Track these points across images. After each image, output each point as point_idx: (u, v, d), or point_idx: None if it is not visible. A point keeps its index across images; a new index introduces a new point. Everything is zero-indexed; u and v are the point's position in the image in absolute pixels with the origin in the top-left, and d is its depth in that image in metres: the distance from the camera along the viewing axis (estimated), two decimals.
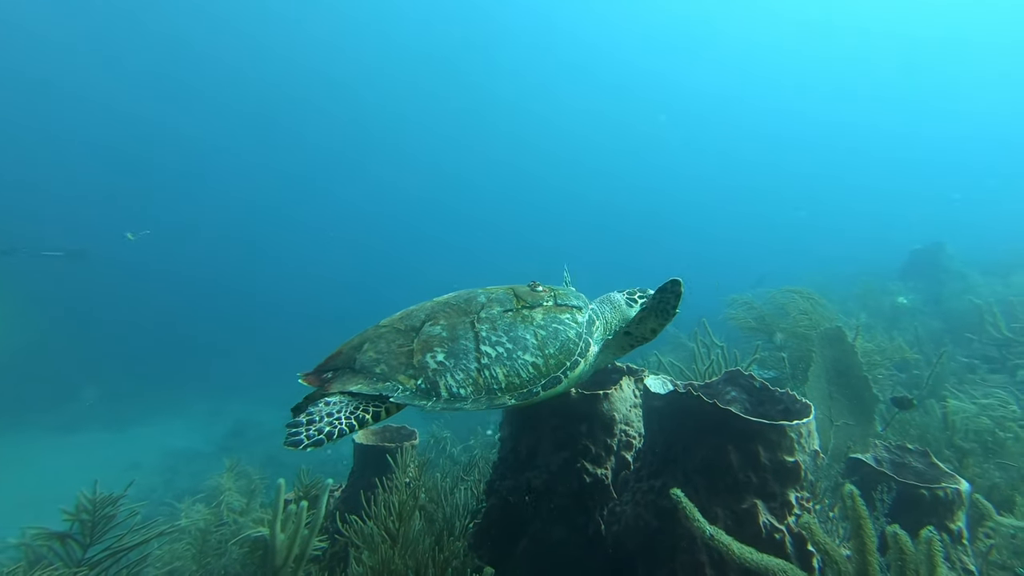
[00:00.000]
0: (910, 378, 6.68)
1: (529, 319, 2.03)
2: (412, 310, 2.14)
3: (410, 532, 2.41)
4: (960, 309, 9.55)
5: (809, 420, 2.25)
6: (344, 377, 1.84)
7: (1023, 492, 2.86)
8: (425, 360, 1.85)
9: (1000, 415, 3.77)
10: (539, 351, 1.96)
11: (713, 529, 1.63)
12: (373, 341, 1.96)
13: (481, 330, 1.96)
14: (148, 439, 12.98)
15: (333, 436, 1.66)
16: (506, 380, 1.88)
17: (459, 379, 1.83)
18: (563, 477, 2.76)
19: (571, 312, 2.14)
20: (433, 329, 1.97)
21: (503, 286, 2.23)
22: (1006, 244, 17.01)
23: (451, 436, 5.91)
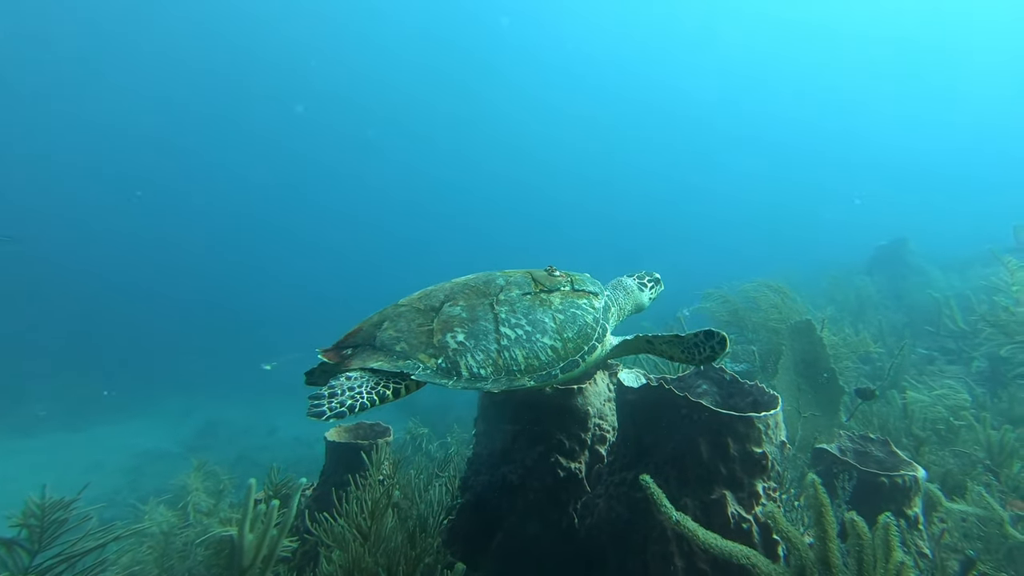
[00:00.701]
0: (874, 370, 6.94)
1: (547, 303, 2.05)
2: (431, 290, 2.12)
3: (382, 530, 2.37)
4: (920, 303, 9.95)
5: (776, 412, 2.29)
6: (364, 354, 1.83)
7: (974, 477, 3.01)
8: (445, 340, 1.85)
9: (953, 403, 3.94)
10: (558, 335, 1.98)
11: (679, 515, 1.67)
12: (393, 320, 1.95)
13: (500, 312, 1.96)
14: (112, 439, 12.52)
15: (355, 409, 1.66)
16: (525, 362, 1.89)
17: (479, 359, 1.84)
18: (537, 472, 2.76)
19: (588, 298, 2.16)
20: (453, 310, 1.96)
21: (520, 270, 2.23)
22: (966, 241, 17.78)
23: (429, 433, 5.87)
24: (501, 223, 57.14)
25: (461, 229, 55.77)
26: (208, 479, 3.75)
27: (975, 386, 5.66)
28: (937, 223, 28.34)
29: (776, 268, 17.17)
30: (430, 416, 7.96)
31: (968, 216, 30.09)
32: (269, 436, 13.07)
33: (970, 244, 16.62)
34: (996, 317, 3.91)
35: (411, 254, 49.74)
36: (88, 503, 3.06)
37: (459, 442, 5.24)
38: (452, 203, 56.88)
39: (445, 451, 4.69)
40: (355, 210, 53.71)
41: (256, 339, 23.96)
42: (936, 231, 22.49)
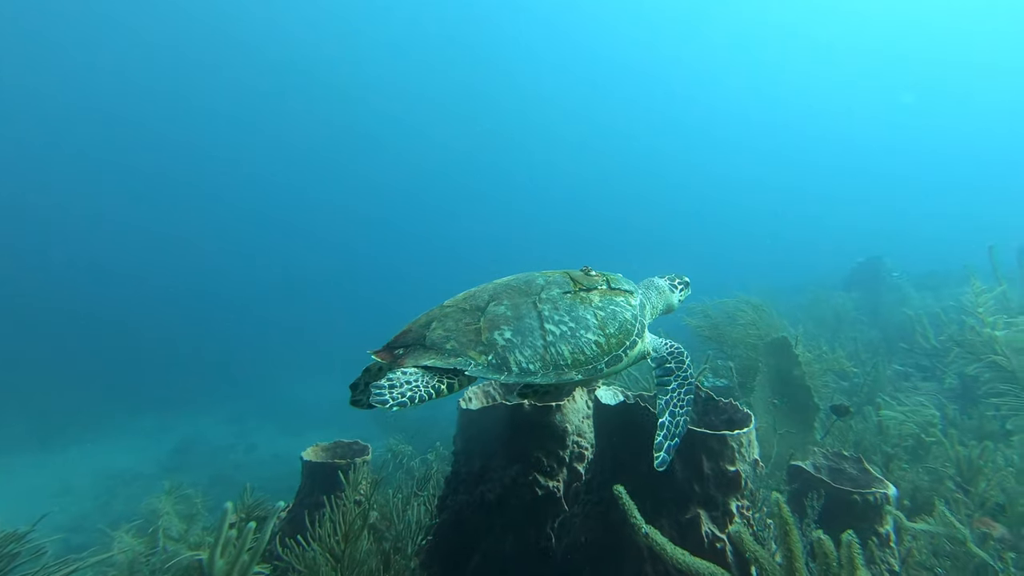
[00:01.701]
0: (852, 386, 7.07)
1: (587, 300, 2.12)
2: (474, 291, 2.21)
3: (356, 553, 2.33)
4: (896, 320, 10.21)
5: (749, 429, 2.33)
6: (416, 353, 1.91)
7: (942, 494, 3.07)
8: (493, 337, 1.93)
9: (922, 420, 4.03)
10: (600, 331, 2.05)
11: (648, 528, 1.68)
12: (440, 320, 2.03)
13: (543, 310, 2.03)
14: (82, 461, 12.05)
15: (415, 400, 1.74)
16: (572, 357, 1.96)
17: (527, 355, 1.91)
18: (515, 490, 2.75)
19: (625, 296, 2.22)
20: (497, 309, 2.04)
21: (558, 270, 2.33)
22: (942, 257, 18.32)
23: (411, 450, 5.78)
24: (490, 225, 57.35)
25: (457, 231, 55.79)
26: (181, 502, 3.63)
27: (947, 403, 5.79)
28: (921, 236, 29.07)
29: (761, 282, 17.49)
30: (413, 433, 7.86)
31: (952, 229, 30.91)
32: (248, 454, 12.73)
33: (953, 258, 17.16)
34: (963, 337, 4.04)
35: (401, 263, 49.49)
36: (54, 530, 2.94)
37: (441, 459, 5.18)
38: (448, 206, 56.98)
39: (426, 468, 4.62)
40: (346, 220, 53.47)
41: (234, 353, 23.53)
42: (918, 244, 23.11)
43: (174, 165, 44.86)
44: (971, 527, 2.95)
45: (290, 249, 48.64)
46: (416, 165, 53.43)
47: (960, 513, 3.05)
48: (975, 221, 32.28)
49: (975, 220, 33.73)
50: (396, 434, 6.46)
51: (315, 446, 3.36)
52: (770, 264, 29.94)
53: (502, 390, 3.58)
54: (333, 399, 17.93)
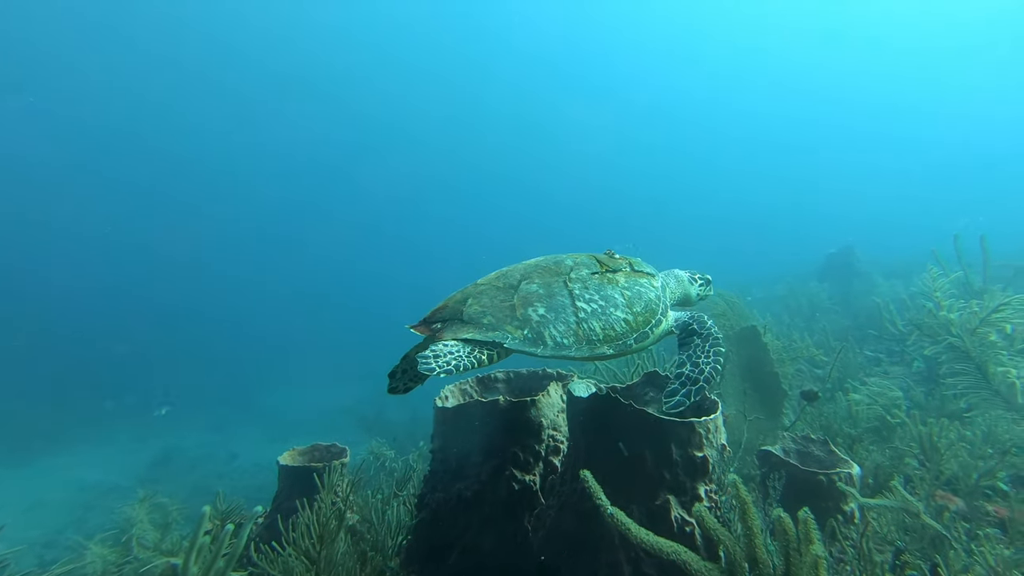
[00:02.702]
0: (826, 373, 7.29)
1: (614, 281, 2.21)
2: (506, 271, 2.27)
3: (333, 555, 2.33)
4: (866, 308, 10.54)
5: (716, 416, 2.40)
6: (454, 327, 1.98)
7: (903, 471, 3.20)
8: (528, 313, 2.01)
9: (888, 402, 4.19)
10: (628, 309, 2.14)
11: (613, 509, 1.73)
12: (476, 296, 2.09)
13: (574, 288, 2.12)
14: (57, 473, 11.69)
15: (460, 368, 1.82)
16: (603, 332, 2.05)
17: (561, 330, 1.99)
18: (492, 486, 2.78)
19: (648, 278, 2.32)
20: (530, 287, 2.11)
21: (583, 253, 2.41)
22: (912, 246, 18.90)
23: (393, 454, 5.76)
24: (480, 230, 57.29)
25: (447, 238, 55.50)
26: (155, 511, 3.56)
27: (914, 386, 6.02)
28: (896, 223, 29.89)
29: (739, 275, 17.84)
30: (396, 436, 7.83)
31: (926, 216, 31.83)
32: (229, 463, 12.52)
33: (926, 245, 17.65)
34: (922, 320, 4.21)
35: (388, 271, 48.99)
36: (25, 544, 2.86)
37: (422, 459, 5.18)
38: (439, 212, 56.69)
39: (406, 469, 4.63)
40: (339, 225, 52.74)
41: (215, 360, 23.04)
42: (893, 232, 23.76)
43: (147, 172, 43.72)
44: (931, 501, 3.08)
45: (270, 257, 47.84)
46: (405, 172, 53.17)
47: (921, 489, 3.18)
48: (949, 208, 33.44)
49: (949, 207, 34.92)
50: (379, 437, 6.43)
51: (292, 450, 3.34)
52: (750, 256, 30.51)
53: (479, 387, 3.60)
54: (318, 405, 17.77)
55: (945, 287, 4.17)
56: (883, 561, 2.29)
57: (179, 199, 45.87)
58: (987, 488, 3.17)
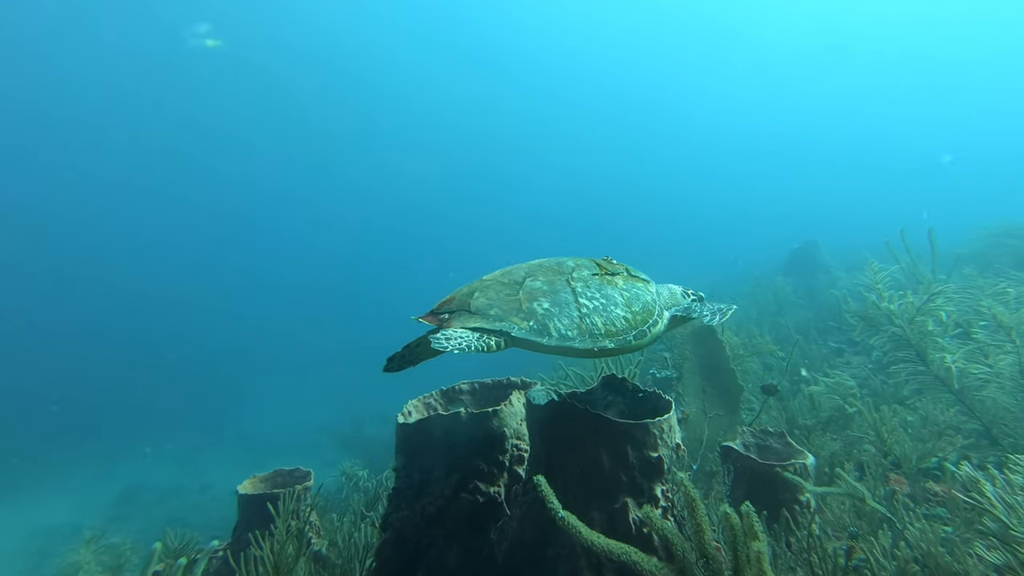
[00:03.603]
0: (791, 366, 7.52)
1: (613, 282, 2.33)
2: (510, 269, 2.39)
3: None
4: (828, 300, 10.93)
5: (670, 416, 2.45)
6: (462, 317, 2.08)
7: (858, 458, 3.32)
8: (533, 307, 2.12)
9: (844, 392, 4.34)
10: (627, 308, 2.26)
11: (564, 513, 1.75)
12: (482, 290, 2.20)
13: (576, 287, 2.23)
14: (10, 519, 11.00)
15: (471, 349, 1.90)
16: (604, 327, 2.15)
17: (565, 323, 2.09)
18: (456, 500, 2.76)
19: (644, 283, 2.46)
20: (534, 283, 2.23)
21: (583, 257, 2.54)
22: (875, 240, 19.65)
23: (367, 474, 5.64)
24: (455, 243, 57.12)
25: (423, 244, 55.10)
26: (106, 553, 3.37)
27: (873, 375, 6.25)
28: (859, 220, 31.10)
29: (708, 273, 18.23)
30: (377, 450, 7.68)
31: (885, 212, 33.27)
32: (202, 494, 12.03)
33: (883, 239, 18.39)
34: (865, 312, 4.40)
35: (364, 291, 48.21)
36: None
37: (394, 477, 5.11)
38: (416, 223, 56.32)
39: (376, 488, 4.54)
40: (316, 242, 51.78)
41: (182, 386, 22.23)
42: (856, 228, 24.76)
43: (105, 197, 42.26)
44: (884, 485, 3.20)
45: (238, 277, 46.58)
46: (380, 192, 52.88)
47: (874, 474, 3.30)
48: (912, 204, 35.09)
49: (912, 203, 36.67)
50: (357, 456, 6.29)
51: (252, 478, 3.25)
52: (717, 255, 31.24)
53: (444, 400, 3.58)
54: (295, 426, 17.30)
55: (886, 279, 4.37)
56: (836, 547, 2.36)
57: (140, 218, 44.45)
58: (936, 469, 3.30)
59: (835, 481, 2.79)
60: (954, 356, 3.65)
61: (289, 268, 48.88)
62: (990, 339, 3.77)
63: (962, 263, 7.82)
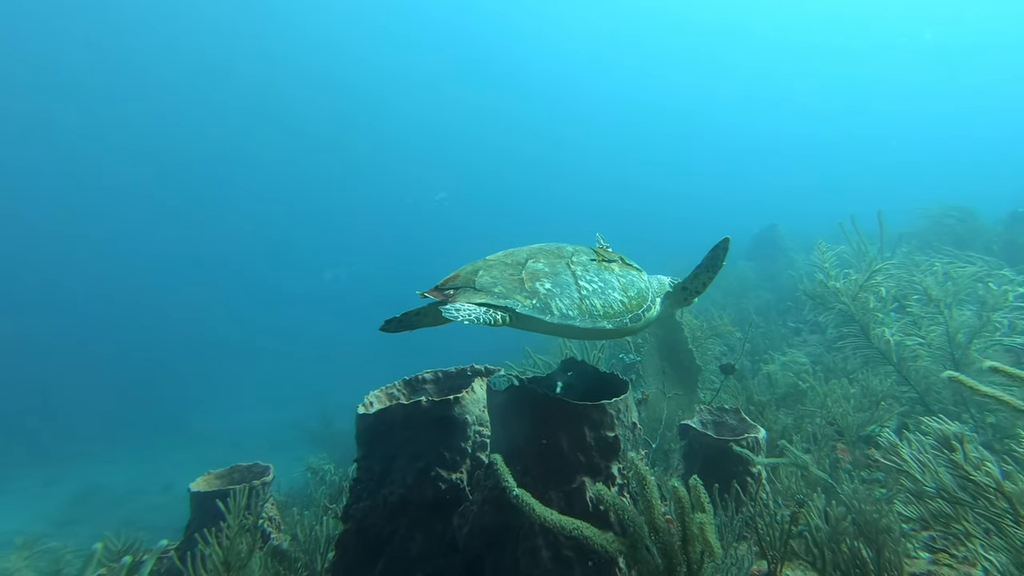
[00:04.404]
0: (754, 347, 7.80)
1: (610, 268, 2.42)
2: (512, 251, 2.45)
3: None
4: (787, 282, 11.35)
5: (626, 396, 2.49)
6: (467, 293, 2.13)
7: (808, 431, 3.48)
8: (535, 286, 2.18)
9: (798, 368, 4.54)
10: (624, 292, 2.34)
11: (519, 491, 1.77)
12: (486, 269, 2.27)
13: (576, 270, 2.31)
14: None
15: (479, 321, 1.96)
16: (603, 309, 2.23)
17: (567, 303, 2.17)
18: (418, 488, 2.75)
19: (637, 271, 2.56)
20: (536, 265, 2.30)
21: (581, 244, 2.61)
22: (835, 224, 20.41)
23: (333, 468, 5.56)
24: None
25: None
26: (41, 558, 3.19)
27: (826, 352, 6.55)
28: (817, 206, 32.36)
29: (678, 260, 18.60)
30: (348, 444, 7.55)
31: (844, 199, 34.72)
32: (164, 494, 11.61)
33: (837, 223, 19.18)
34: (814, 291, 4.60)
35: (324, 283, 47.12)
36: None
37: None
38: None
39: (341, 481, 4.48)
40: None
41: (141, 385, 21.36)
42: (814, 213, 25.78)
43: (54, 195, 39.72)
44: (830, 454, 3.36)
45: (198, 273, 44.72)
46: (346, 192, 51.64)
47: (824, 444, 3.46)
48: (865, 190, 36.76)
49: (865, 190, 38.42)
50: (325, 451, 6.18)
51: (207, 474, 3.15)
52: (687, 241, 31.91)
53: (407, 390, 3.55)
54: (262, 422, 16.89)
55: (833, 259, 4.57)
56: (783, 514, 2.47)
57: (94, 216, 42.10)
58: (877, 436, 3.49)
59: (784, 453, 2.91)
60: (892, 330, 3.87)
61: (261, 267, 47.46)
62: (923, 312, 4.01)
63: (904, 242, 8.25)
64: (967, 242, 8.64)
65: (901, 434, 2.44)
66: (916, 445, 1.93)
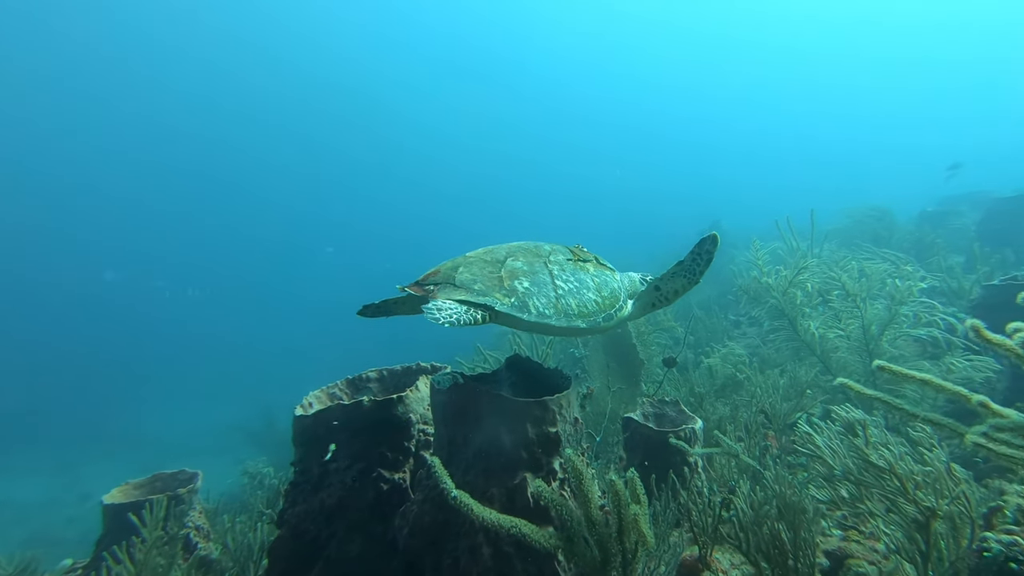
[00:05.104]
0: (697, 340, 8.13)
1: (585, 268, 2.47)
2: (492, 248, 2.48)
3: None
4: (727, 277, 11.93)
5: (568, 392, 2.51)
6: (448, 290, 2.15)
7: (741, 420, 3.67)
8: (514, 285, 2.21)
9: (736, 360, 4.77)
10: (597, 292, 2.39)
11: (457, 492, 1.75)
12: (467, 266, 2.28)
13: (553, 269, 2.36)
14: None
15: (461, 323, 1.97)
16: (578, 308, 2.28)
17: (543, 302, 2.21)
18: (359, 490, 2.67)
19: (610, 271, 2.60)
20: (515, 263, 2.33)
21: (558, 244, 2.64)
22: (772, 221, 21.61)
23: (273, 471, 5.30)
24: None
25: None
26: None
27: (763, 344, 6.93)
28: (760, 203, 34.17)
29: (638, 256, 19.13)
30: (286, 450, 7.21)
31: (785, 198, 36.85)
32: (80, 505, 10.66)
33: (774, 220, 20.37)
34: (748, 286, 4.86)
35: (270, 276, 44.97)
36: None
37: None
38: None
39: (280, 484, 4.29)
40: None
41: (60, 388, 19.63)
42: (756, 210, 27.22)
43: None
44: (761, 442, 3.55)
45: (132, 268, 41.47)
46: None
47: (756, 432, 3.66)
48: (804, 190, 39.25)
49: (804, 189, 41.03)
50: (252, 458, 5.87)
51: (124, 484, 2.91)
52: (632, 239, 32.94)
53: (349, 389, 3.43)
54: (201, 425, 15.92)
55: (765, 256, 4.83)
56: (715, 500, 2.59)
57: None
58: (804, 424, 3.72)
59: (718, 442, 3.05)
60: (816, 323, 4.16)
61: (206, 261, 44.66)
62: (842, 306, 4.33)
63: (830, 239, 8.85)
64: (884, 240, 9.41)
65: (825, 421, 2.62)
66: (826, 432, 2.07)
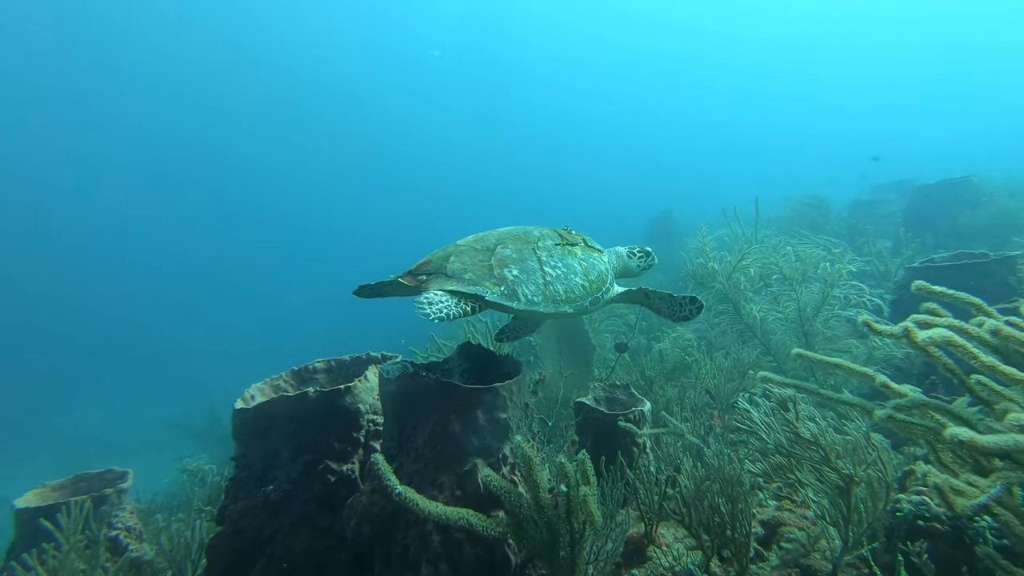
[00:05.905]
0: (650, 325, 8.38)
1: (573, 253, 2.51)
2: (482, 236, 2.49)
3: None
4: (678, 263, 12.35)
5: (519, 378, 2.51)
6: (439, 280, 2.19)
7: (685, 403, 3.83)
8: (504, 273, 2.26)
9: (684, 345, 4.96)
10: (585, 277, 2.45)
11: (402, 488, 1.72)
12: (457, 255, 2.31)
13: (541, 256, 2.40)
14: None
15: (451, 317, 2.01)
16: (565, 294, 2.34)
17: (532, 290, 2.26)
18: (305, 482, 2.59)
19: (598, 253, 2.64)
20: (505, 251, 2.36)
21: (547, 227, 2.66)
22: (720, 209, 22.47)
23: (216, 467, 5.05)
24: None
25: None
26: None
27: (710, 328, 7.24)
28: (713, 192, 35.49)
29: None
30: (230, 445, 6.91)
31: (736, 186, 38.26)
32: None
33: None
34: (695, 271, 5.06)
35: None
36: None
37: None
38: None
39: (221, 481, 4.10)
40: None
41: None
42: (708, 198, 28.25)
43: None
44: (707, 422, 3.71)
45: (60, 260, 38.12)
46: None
47: (701, 413, 3.81)
48: (752, 178, 41.05)
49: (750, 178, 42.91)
50: (191, 455, 5.58)
51: (41, 487, 2.68)
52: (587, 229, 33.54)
53: (295, 381, 3.30)
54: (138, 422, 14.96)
55: (712, 242, 5.02)
56: (661, 478, 2.69)
57: None
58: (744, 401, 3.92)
59: (665, 423, 3.16)
60: (758, 307, 4.38)
61: (143, 251, 41.73)
62: (780, 290, 4.59)
63: (772, 225, 9.32)
64: (820, 226, 9.99)
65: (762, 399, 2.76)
66: (763, 408, 2.19)
